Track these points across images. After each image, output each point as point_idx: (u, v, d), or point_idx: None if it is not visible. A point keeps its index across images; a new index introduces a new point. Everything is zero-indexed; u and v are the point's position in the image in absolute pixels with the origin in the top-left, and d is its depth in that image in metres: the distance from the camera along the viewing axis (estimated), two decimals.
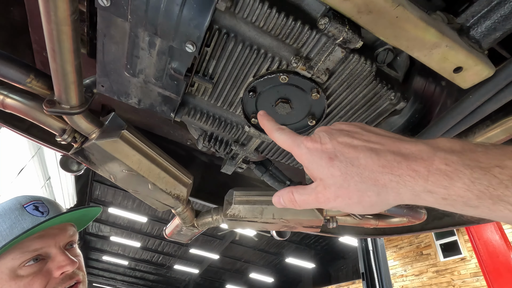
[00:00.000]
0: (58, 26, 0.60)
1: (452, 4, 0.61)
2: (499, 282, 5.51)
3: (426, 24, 0.52)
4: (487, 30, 0.55)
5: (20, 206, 0.84)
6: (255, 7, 0.55)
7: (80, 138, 0.94)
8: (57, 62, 0.68)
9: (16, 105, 0.85)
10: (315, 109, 0.72)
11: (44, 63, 1.17)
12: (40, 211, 0.85)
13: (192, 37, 0.59)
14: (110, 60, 0.68)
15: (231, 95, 0.73)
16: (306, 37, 0.58)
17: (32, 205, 0.85)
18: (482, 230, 6.04)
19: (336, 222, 1.24)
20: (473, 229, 6.05)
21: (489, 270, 5.68)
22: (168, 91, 0.72)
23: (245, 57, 0.64)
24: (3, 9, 1.28)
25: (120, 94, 0.76)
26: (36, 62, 1.17)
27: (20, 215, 0.82)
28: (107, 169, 0.99)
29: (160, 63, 0.66)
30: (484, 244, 5.99)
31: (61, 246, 0.86)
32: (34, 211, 0.84)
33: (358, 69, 0.63)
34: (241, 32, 0.60)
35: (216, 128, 0.83)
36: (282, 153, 0.91)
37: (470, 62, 0.56)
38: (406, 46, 0.55)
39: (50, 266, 0.80)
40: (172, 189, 1.08)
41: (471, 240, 6.08)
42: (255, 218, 1.19)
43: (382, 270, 4.42)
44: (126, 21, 0.59)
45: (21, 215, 0.82)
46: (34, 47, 1.13)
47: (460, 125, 0.66)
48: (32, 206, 0.85)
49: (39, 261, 0.80)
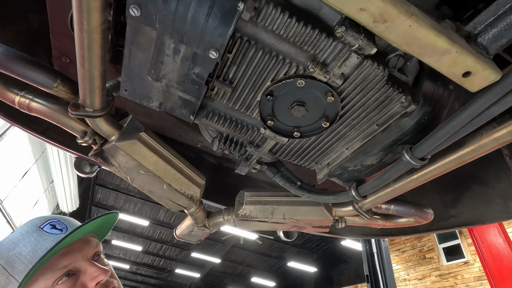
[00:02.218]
0: (90, 34, 0.64)
1: (459, 13, 0.64)
2: (503, 286, 5.49)
3: (437, 32, 0.55)
4: (494, 37, 0.59)
5: (37, 228, 0.83)
6: (277, 16, 0.59)
7: (100, 140, 0.98)
8: (85, 68, 0.71)
9: (41, 108, 0.89)
10: (329, 111, 0.76)
11: (62, 68, 1.21)
12: (58, 228, 0.85)
13: (216, 44, 0.62)
14: (135, 65, 0.72)
15: (249, 98, 0.76)
16: (323, 44, 0.62)
17: (48, 225, 0.84)
18: (486, 233, 6.02)
19: (345, 222, 1.27)
20: (476, 232, 6.04)
21: (493, 273, 5.66)
22: (189, 95, 0.76)
23: (265, 63, 0.67)
24: (22, 17, 1.33)
25: (142, 98, 0.80)
26: (55, 66, 1.22)
27: (40, 236, 0.81)
28: (124, 170, 1.03)
29: (183, 68, 0.70)
30: (488, 247, 5.97)
31: (88, 258, 0.85)
32: (52, 229, 0.84)
33: (371, 74, 0.67)
34: (262, 39, 0.64)
35: (232, 130, 0.87)
36: (295, 154, 0.94)
37: (478, 67, 0.59)
38: (418, 52, 0.58)
39: (83, 280, 0.81)
40: (186, 190, 1.12)
41: (475, 244, 6.06)
42: (266, 218, 1.22)
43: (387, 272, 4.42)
44: (154, 29, 0.63)
45: (40, 236, 0.80)
46: (54, 53, 1.17)
47: (467, 127, 0.69)
48: (49, 225, 0.84)
49: (71, 277, 0.80)
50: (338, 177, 1.01)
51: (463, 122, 0.68)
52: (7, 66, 0.73)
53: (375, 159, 0.90)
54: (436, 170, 0.89)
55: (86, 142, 0.95)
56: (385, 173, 0.87)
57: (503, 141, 0.76)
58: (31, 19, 1.34)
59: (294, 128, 0.81)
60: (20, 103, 0.88)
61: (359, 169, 0.95)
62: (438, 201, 1.66)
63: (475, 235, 6.10)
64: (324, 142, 0.87)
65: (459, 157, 0.84)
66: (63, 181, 9.06)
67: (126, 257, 18.63)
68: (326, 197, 1.03)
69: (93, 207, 13.82)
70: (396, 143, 0.84)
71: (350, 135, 0.84)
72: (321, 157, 0.94)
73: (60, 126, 0.92)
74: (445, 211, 1.60)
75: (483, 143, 0.79)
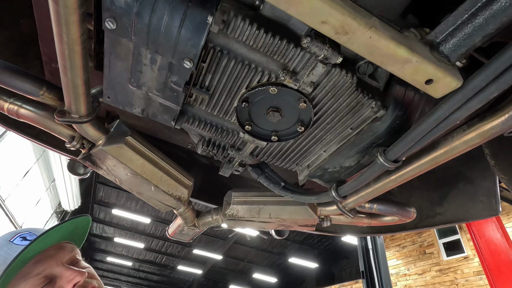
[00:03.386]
0: (70, 46, 0.67)
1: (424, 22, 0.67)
2: (501, 280, 5.53)
3: (397, 42, 0.58)
4: (454, 46, 0.61)
5: (7, 242, 0.83)
6: (245, 28, 0.61)
7: (88, 144, 1.01)
8: (68, 77, 0.74)
9: (29, 114, 0.92)
10: (303, 116, 0.78)
11: (53, 72, 1.24)
12: (28, 239, 0.83)
13: (189, 54, 0.65)
14: (116, 74, 0.75)
15: (226, 104, 0.79)
16: (292, 53, 0.65)
17: (18, 237, 0.84)
18: (484, 228, 6.05)
19: (330, 220, 1.30)
20: (474, 227, 6.07)
21: (491, 268, 5.70)
22: (169, 102, 0.79)
23: (238, 71, 0.70)
24: (13, 22, 1.36)
25: (124, 105, 0.83)
26: (45, 71, 1.25)
27: (9, 249, 0.80)
28: (112, 172, 1.06)
29: (161, 77, 0.73)
30: (486, 242, 6.00)
31: (63, 263, 0.85)
32: (22, 241, 0.83)
33: (340, 81, 0.69)
34: (234, 49, 0.67)
35: (214, 134, 0.90)
36: (276, 156, 0.97)
37: (439, 74, 0.62)
38: (380, 61, 0.61)
39: (60, 284, 0.80)
40: (174, 191, 1.15)
41: (473, 239, 6.09)
42: (253, 217, 1.25)
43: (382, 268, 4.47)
44: (130, 41, 0.66)
45: (10, 249, 0.80)
46: (44, 59, 1.20)
47: (435, 131, 0.72)
48: (19, 238, 0.84)
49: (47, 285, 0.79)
50: (319, 178, 1.04)
51: (430, 126, 0.71)
52: None
53: (353, 161, 0.93)
54: (413, 171, 0.92)
55: (74, 146, 0.98)
56: (362, 175, 0.90)
57: (472, 143, 0.78)
58: (21, 24, 1.37)
59: (272, 132, 0.84)
60: (9, 110, 0.92)
61: (339, 170, 0.98)
62: (426, 198, 1.68)
63: (473, 230, 6.12)
64: (302, 145, 0.90)
65: (433, 159, 0.86)
66: (65, 180, 9.13)
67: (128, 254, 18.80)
68: (308, 197, 1.06)
69: (95, 205, 13.93)
70: (371, 146, 0.86)
71: (326, 139, 0.87)
72: (301, 159, 0.97)
73: (48, 131, 0.95)
74: (432, 209, 1.63)
75: (454, 145, 0.81)
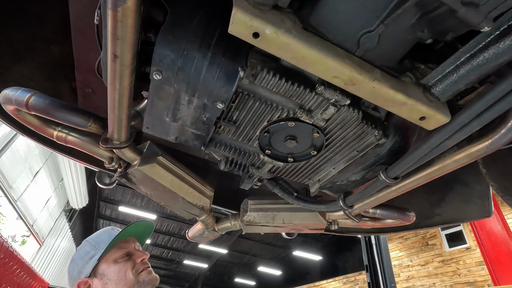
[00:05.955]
0: (120, 92, 0.80)
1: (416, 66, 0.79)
2: (501, 271, 5.68)
3: (395, 90, 0.70)
4: (443, 90, 0.74)
5: (109, 229, 1.40)
6: (269, 78, 0.74)
7: (124, 164, 1.15)
8: (115, 114, 0.88)
9: (76, 141, 1.06)
10: (316, 142, 0.92)
11: (86, 96, 1.38)
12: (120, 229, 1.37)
13: (222, 98, 0.78)
14: (156, 111, 0.88)
15: (249, 133, 0.92)
16: (308, 97, 0.78)
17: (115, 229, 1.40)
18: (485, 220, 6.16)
19: (337, 224, 1.44)
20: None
21: (492, 259, 5.84)
22: (200, 131, 0.92)
23: (261, 109, 0.83)
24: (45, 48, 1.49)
25: (161, 134, 0.96)
26: (78, 95, 1.38)
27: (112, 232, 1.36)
28: (145, 188, 1.20)
29: (195, 113, 0.86)
30: (487, 234, 6.12)
31: (136, 248, 1.37)
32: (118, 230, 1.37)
33: (348, 116, 0.82)
34: (258, 93, 0.80)
35: (237, 155, 1.03)
36: (291, 173, 1.11)
37: (431, 113, 0.75)
38: (382, 104, 0.74)
39: (134, 258, 1.31)
40: (198, 201, 1.29)
41: (474, 231, 6.23)
42: (268, 223, 1.40)
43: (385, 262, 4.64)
44: (172, 87, 0.79)
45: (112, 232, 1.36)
46: (78, 85, 1.34)
47: (428, 156, 0.85)
48: (115, 229, 1.39)
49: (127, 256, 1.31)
50: (328, 190, 1.17)
51: (424, 152, 0.84)
52: (52, 114, 0.90)
53: (358, 176, 1.06)
54: (410, 184, 1.05)
55: (113, 167, 1.12)
56: (366, 188, 1.03)
57: (461, 162, 0.92)
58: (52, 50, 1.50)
59: (288, 154, 0.98)
60: (58, 137, 1.05)
61: (346, 183, 1.11)
62: (425, 200, 1.82)
63: (474, 222, 6.26)
64: (314, 164, 1.04)
65: (428, 174, 1.00)
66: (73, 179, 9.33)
67: None
68: (318, 206, 1.20)
69: (101, 202, 14.19)
70: (374, 164, 1.00)
71: (336, 159, 1.00)
72: (312, 175, 1.10)
73: (91, 154, 1.09)
74: (431, 210, 1.76)
75: (446, 163, 0.94)
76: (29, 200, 8.00)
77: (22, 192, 7.43)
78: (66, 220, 11.85)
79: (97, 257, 1.24)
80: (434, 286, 10.59)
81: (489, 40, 0.64)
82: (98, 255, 1.25)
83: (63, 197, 10.75)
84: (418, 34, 0.68)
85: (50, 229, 10.47)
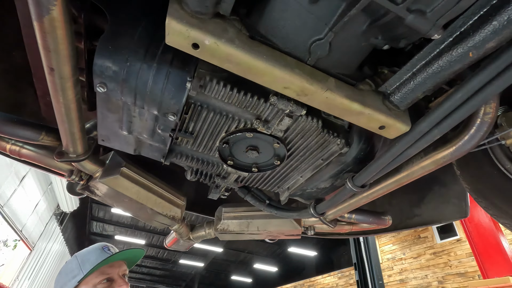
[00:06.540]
0: (66, 105, 0.75)
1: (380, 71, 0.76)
2: (489, 263, 5.77)
3: (350, 100, 0.67)
4: (401, 98, 0.71)
5: (100, 247, 1.33)
6: (220, 89, 0.70)
7: (86, 176, 1.10)
8: (65, 127, 0.83)
9: (30, 154, 1.00)
10: (279, 152, 0.88)
11: (48, 104, 1.31)
12: (110, 251, 1.33)
13: (173, 110, 0.74)
14: (108, 124, 0.84)
15: (209, 144, 0.89)
16: (262, 107, 0.74)
17: (106, 248, 1.34)
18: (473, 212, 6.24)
19: (313, 229, 1.42)
20: None
21: (480, 251, 5.93)
22: (158, 143, 0.88)
23: (217, 120, 0.79)
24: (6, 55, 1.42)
25: (118, 145, 0.92)
26: (40, 104, 1.32)
27: (101, 252, 1.30)
28: (110, 200, 1.16)
29: (149, 125, 0.82)
30: (475, 226, 6.21)
31: (120, 275, 1.31)
32: (108, 251, 1.32)
33: (307, 126, 0.79)
34: (211, 103, 0.76)
35: (200, 166, 0.99)
36: (258, 182, 1.07)
37: (389, 122, 0.72)
38: (338, 114, 0.70)
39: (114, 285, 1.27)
40: (168, 212, 1.25)
41: (462, 223, 6.31)
42: (242, 230, 1.36)
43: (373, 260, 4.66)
44: (120, 100, 0.74)
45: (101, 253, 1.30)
46: (39, 93, 1.27)
47: (392, 164, 0.82)
48: (107, 248, 1.34)
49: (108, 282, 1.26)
50: (299, 197, 1.14)
51: (387, 161, 0.81)
52: None
53: (327, 183, 1.03)
54: (381, 190, 1.03)
55: (73, 180, 1.07)
56: (335, 196, 1.00)
57: (428, 169, 0.89)
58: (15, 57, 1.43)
59: (253, 164, 0.94)
60: (12, 150, 1.00)
61: (316, 191, 1.08)
62: (405, 201, 1.81)
63: None
64: (281, 173, 1.00)
65: (397, 180, 0.97)
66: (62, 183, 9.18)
67: None
68: (290, 214, 1.17)
69: (94, 204, 14.01)
70: (341, 172, 0.97)
71: (302, 167, 0.97)
72: (281, 183, 1.07)
73: (48, 168, 1.04)
74: (411, 211, 1.75)
75: (414, 169, 0.92)
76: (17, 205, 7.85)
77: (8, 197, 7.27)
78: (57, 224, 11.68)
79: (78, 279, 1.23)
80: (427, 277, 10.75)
81: (442, 48, 0.61)
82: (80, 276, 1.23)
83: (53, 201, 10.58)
84: (372, 41, 0.65)
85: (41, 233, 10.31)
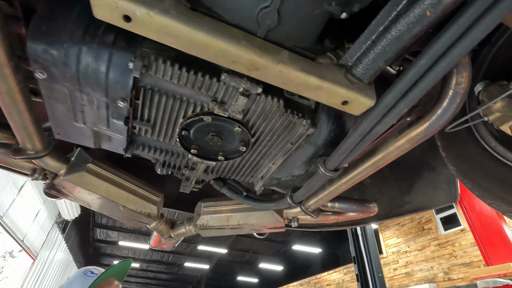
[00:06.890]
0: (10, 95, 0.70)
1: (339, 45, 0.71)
2: (492, 251, 5.71)
3: (306, 73, 0.62)
4: (363, 69, 0.66)
5: (82, 273, 1.26)
6: (167, 69, 0.65)
7: (51, 175, 1.05)
8: (16, 121, 0.78)
9: None
10: (243, 137, 0.83)
11: None
12: (95, 273, 1.26)
13: (121, 95, 0.69)
14: (59, 115, 0.79)
15: (169, 132, 0.84)
16: (216, 87, 0.69)
17: (89, 271, 1.27)
18: (475, 202, 6.19)
19: (297, 221, 1.37)
20: (465, 202, 6.21)
21: (483, 240, 5.87)
22: (115, 134, 0.83)
23: (172, 105, 0.74)
24: None
25: (75, 139, 0.87)
26: None
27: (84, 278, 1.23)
28: (79, 198, 1.11)
29: (102, 113, 0.77)
30: (478, 215, 6.15)
31: None
32: (92, 274, 1.26)
33: (268, 106, 0.74)
34: (163, 86, 0.71)
35: (165, 157, 0.94)
36: (229, 172, 1.02)
37: (352, 96, 0.67)
38: (296, 90, 0.65)
39: None
40: (143, 209, 1.20)
41: (465, 213, 6.25)
42: (223, 225, 1.31)
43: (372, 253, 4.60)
44: (64, 87, 0.69)
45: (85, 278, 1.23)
46: None
47: (362, 143, 0.77)
48: (89, 271, 1.27)
49: None
50: (276, 186, 1.09)
51: (357, 140, 0.76)
52: None
53: (301, 170, 0.98)
54: (359, 174, 0.97)
55: (37, 178, 1.02)
56: (310, 182, 0.95)
57: (404, 148, 0.84)
58: None
59: (219, 152, 0.89)
60: None
61: (291, 179, 1.03)
62: (395, 188, 1.75)
63: (464, 205, 6.27)
64: (251, 161, 0.95)
65: (374, 163, 0.92)
66: None
67: (135, 256, 18.99)
68: (268, 205, 1.12)
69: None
70: (314, 156, 0.92)
71: (271, 153, 0.92)
72: (253, 172, 1.02)
73: (9, 167, 0.99)
74: (401, 198, 1.69)
75: (389, 150, 0.87)
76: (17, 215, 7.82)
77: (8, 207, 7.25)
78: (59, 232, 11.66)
79: None
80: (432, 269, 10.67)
81: (399, 9, 0.56)
82: None
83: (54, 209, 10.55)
84: (326, 7, 0.60)
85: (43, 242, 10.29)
